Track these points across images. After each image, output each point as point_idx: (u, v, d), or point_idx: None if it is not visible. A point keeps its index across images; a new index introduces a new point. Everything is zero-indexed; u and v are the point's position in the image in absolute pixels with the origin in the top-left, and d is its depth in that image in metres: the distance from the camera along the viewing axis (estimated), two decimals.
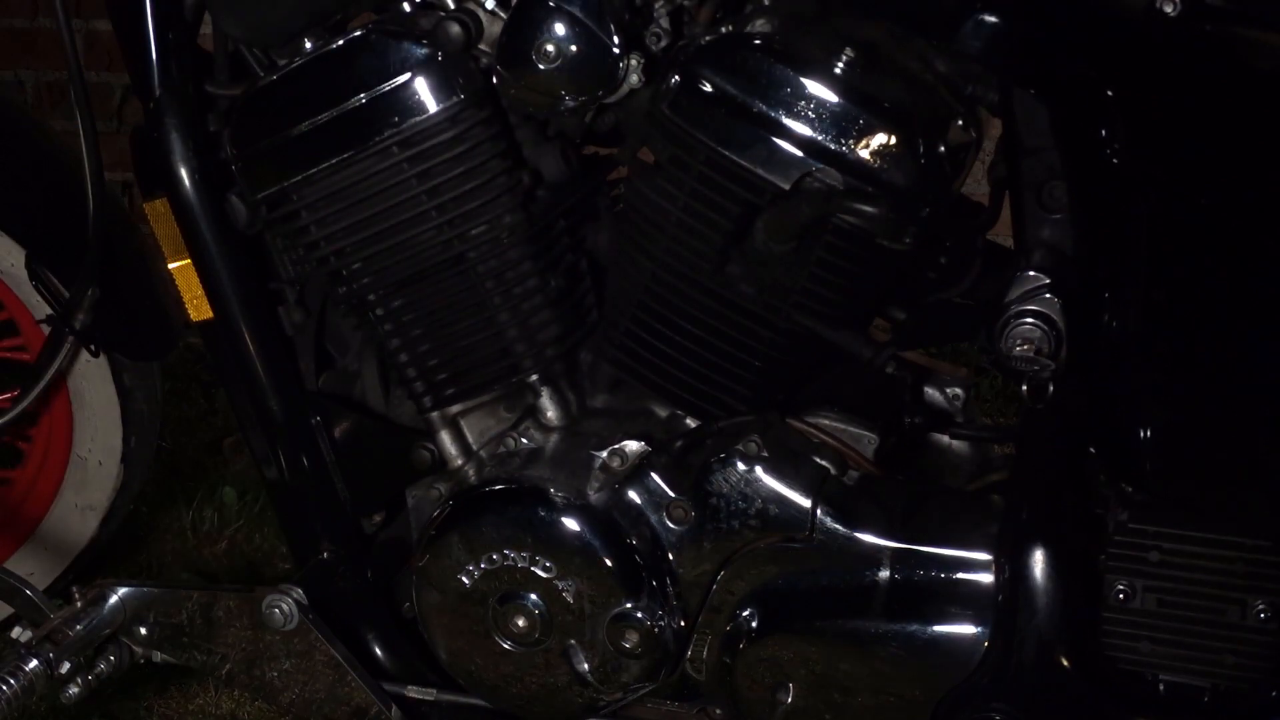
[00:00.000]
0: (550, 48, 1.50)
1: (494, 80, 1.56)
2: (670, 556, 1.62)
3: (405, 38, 1.56)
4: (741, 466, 1.59)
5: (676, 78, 1.49)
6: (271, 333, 1.73)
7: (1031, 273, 1.47)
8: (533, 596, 1.62)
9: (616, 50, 1.50)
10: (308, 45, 1.61)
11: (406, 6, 1.60)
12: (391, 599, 1.80)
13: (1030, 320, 1.45)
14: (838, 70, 1.47)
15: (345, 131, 1.58)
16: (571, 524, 1.60)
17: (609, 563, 1.60)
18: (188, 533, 2.53)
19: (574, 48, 1.50)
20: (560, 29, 1.49)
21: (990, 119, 1.54)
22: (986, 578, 1.55)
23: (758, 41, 1.49)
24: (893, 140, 1.46)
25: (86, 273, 1.88)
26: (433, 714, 1.75)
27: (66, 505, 2.21)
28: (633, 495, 1.62)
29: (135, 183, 1.72)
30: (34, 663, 1.64)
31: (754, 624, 1.60)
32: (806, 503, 1.58)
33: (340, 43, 1.58)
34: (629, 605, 1.60)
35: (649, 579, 1.61)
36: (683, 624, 1.63)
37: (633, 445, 1.60)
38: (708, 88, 1.48)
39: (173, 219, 1.68)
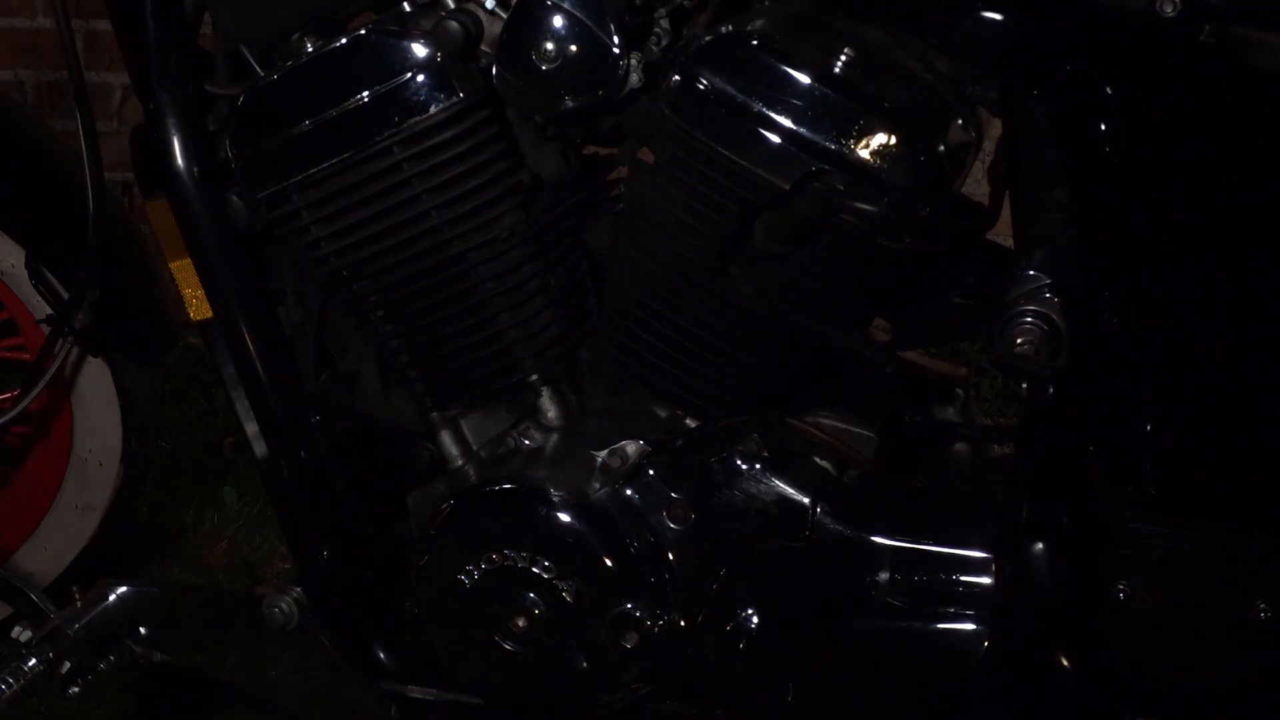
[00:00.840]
0: (550, 47, 1.50)
1: (494, 80, 1.57)
2: (670, 556, 1.62)
3: (405, 38, 1.56)
4: (741, 466, 1.59)
5: (676, 78, 1.49)
6: (271, 333, 1.73)
7: (1031, 273, 1.47)
8: (533, 596, 1.62)
9: (617, 50, 1.50)
10: (308, 45, 1.60)
11: (406, 6, 1.60)
12: (391, 599, 1.80)
13: (1030, 320, 1.45)
14: (838, 70, 1.47)
15: (345, 131, 1.58)
16: (572, 524, 1.60)
17: (609, 562, 1.60)
18: (188, 533, 2.52)
19: (574, 47, 1.50)
20: (560, 29, 1.49)
21: (990, 119, 1.54)
22: (986, 578, 1.55)
23: (757, 41, 1.49)
24: (893, 140, 1.46)
25: (86, 273, 1.87)
26: (433, 714, 1.75)
27: (66, 505, 2.20)
28: (633, 495, 1.61)
29: (135, 183, 1.72)
30: (34, 662, 1.64)
31: (754, 624, 1.60)
32: (806, 502, 1.58)
33: (340, 43, 1.57)
34: (629, 605, 1.60)
35: (649, 579, 1.61)
36: (683, 624, 1.63)
37: (633, 445, 1.60)
38: (707, 88, 1.48)
39: (173, 219, 1.68)
